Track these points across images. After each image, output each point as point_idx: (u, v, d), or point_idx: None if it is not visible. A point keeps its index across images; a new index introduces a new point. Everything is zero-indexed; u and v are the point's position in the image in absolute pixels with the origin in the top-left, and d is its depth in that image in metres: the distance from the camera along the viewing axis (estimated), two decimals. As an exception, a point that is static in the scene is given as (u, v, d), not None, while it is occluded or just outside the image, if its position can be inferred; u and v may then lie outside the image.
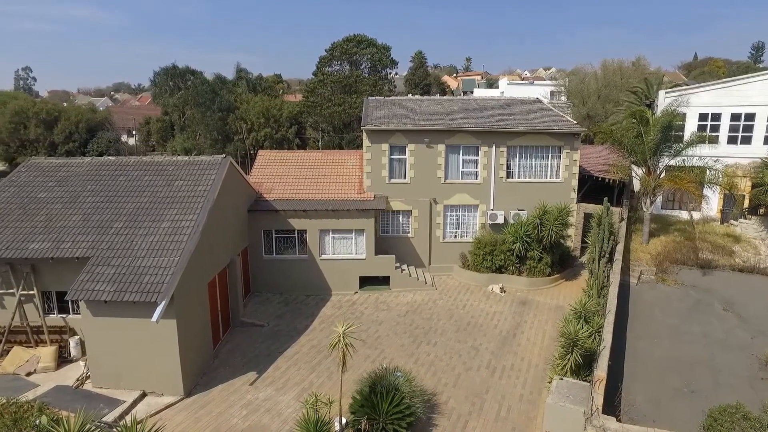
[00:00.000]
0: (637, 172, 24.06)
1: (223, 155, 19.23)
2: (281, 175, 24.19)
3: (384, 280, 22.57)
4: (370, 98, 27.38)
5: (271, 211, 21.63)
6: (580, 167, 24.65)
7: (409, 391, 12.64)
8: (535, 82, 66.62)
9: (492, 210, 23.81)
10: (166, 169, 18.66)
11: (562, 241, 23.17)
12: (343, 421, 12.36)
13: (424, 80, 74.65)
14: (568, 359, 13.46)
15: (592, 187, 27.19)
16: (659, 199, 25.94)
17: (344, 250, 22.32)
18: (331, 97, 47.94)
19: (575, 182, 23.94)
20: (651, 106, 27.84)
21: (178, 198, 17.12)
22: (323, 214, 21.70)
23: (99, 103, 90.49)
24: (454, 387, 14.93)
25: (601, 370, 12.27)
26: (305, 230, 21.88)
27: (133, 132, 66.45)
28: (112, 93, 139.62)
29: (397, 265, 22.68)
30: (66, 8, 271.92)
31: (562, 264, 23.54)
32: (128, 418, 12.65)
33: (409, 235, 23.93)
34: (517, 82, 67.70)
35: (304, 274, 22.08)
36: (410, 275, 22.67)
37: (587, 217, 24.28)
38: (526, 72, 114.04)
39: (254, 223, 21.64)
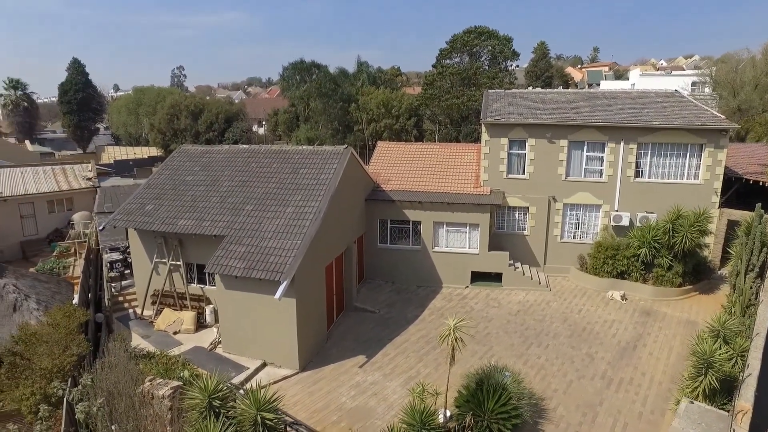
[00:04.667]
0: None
1: (345, 146, 20.06)
2: (398, 166, 24.69)
3: (496, 277, 22.15)
4: (490, 91, 26.82)
5: (387, 201, 22.23)
6: (726, 168, 21.98)
7: (517, 392, 12.34)
8: (673, 73, 60.11)
9: (617, 211, 22.18)
10: (293, 157, 19.98)
11: (698, 249, 20.92)
12: (448, 413, 12.42)
13: (546, 72, 71.05)
14: (701, 382, 12.16)
15: (740, 191, 24.09)
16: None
17: (458, 243, 22.26)
18: (450, 90, 47.62)
19: (718, 184, 21.41)
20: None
21: (302, 185, 18.28)
22: (438, 206, 21.80)
23: (234, 96, 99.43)
24: (564, 394, 14.28)
25: (744, 400, 10.84)
26: (419, 221, 22.17)
27: (263, 122, 71.99)
28: (245, 87, 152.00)
29: (511, 262, 22.12)
30: (218, 14, 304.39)
31: (696, 275, 21.24)
32: (252, 383, 13.95)
33: (525, 232, 23.17)
34: (651, 73, 61.55)
35: (417, 265, 22.43)
36: (524, 274, 21.99)
37: (732, 224, 21.62)
38: (662, 61, 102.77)
39: (371, 212, 22.40)
